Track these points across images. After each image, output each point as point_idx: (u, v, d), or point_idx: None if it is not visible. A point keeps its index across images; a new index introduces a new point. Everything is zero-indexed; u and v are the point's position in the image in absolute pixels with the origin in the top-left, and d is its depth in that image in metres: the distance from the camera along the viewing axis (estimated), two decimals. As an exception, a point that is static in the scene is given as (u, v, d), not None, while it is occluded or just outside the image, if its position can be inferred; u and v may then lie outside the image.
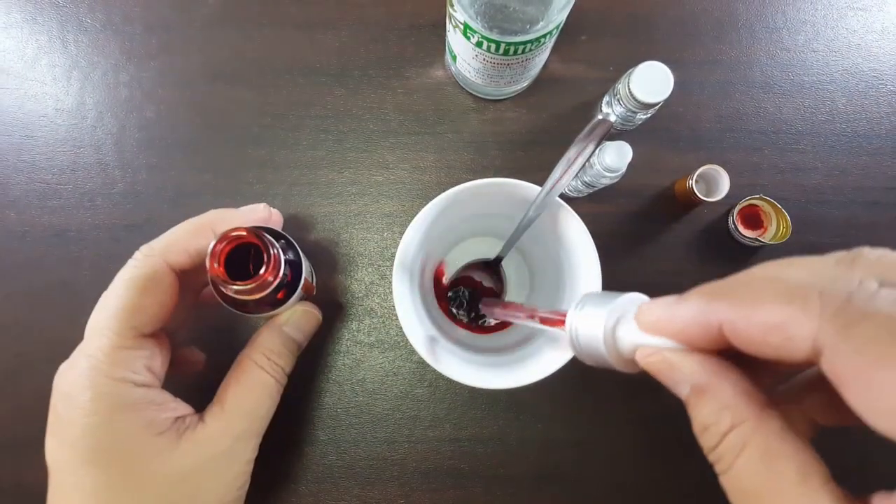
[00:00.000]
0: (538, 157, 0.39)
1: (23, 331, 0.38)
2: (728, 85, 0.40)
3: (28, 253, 0.39)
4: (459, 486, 0.37)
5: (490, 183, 0.27)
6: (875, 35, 0.41)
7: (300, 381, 0.38)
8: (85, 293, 0.39)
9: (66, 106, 0.39)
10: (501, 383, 0.26)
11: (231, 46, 0.40)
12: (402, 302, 0.26)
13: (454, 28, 0.32)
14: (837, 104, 0.40)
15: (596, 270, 0.26)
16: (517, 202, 0.28)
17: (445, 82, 0.40)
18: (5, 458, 0.38)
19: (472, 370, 0.27)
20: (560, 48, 0.39)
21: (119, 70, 0.40)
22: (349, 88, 0.40)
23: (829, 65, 0.40)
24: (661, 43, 0.40)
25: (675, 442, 0.37)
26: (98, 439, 0.25)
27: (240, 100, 0.39)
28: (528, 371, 0.26)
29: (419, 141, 0.39)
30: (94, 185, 0.39)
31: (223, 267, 0.26)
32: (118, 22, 0.40)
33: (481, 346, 0.33)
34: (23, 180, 0.39)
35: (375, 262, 0.39)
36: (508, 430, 0.38)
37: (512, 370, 0.27)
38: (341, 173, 0.39)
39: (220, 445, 0.28)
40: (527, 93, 0.40)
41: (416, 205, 0.39)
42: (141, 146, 0.39)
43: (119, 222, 0.39)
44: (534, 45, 0.30)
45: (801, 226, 0.38)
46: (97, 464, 0.25)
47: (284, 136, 0.39)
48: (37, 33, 0.40)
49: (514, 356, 0.29)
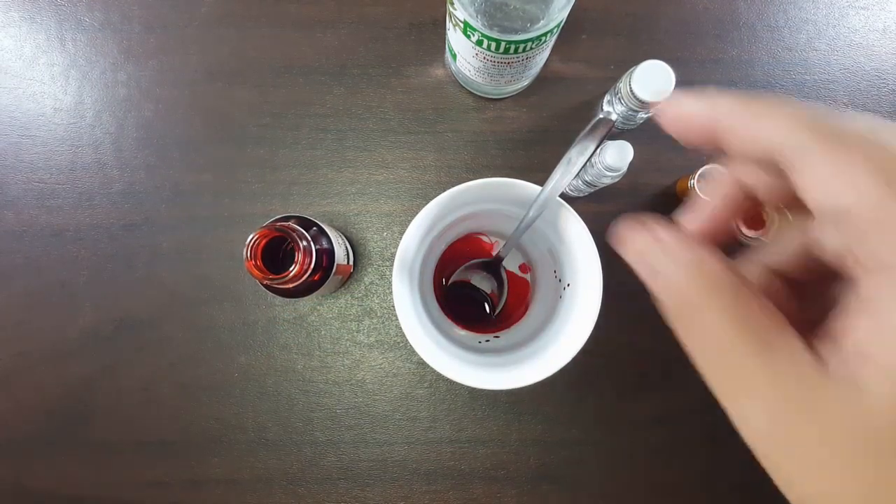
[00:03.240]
0: (538, 156, 0.39)
1: (21, 331, 0.38)
2: (730, 84, 0.40)
3: (26, 253, 0.38)
4: (460, 486, 0.37)
5: (491, 182, 0.26)
6: (877, 34, 0.40)
7: (300, 382, 0.38)
8: (83, 293, 0.39)
9: (64, 105, 0.39)
10: (502, 384, 0.26)
11: (230, 45, 0.40)
12: (402, 302, 0.26)
13: (454, 26, 0.31)
14: (839, 103, 0.40)
15: (597, 270, 0.26)
16: (518, 202, 0.28)
17: (445, 81, 0.40)
18: (5, 458, 0.38)
19: (472, 370, 0.26)
20: (561, 47, 0.39)
21: (117, 69, 0.39)
22: (348, 87, 0.39)
23: (830, 64, 0.40)
24: (662, 42, 0.40)
25: (676, 442, 0.37)
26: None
27: (239, 99, 0.39)
28: (528, 372, 0.26)
29: (419, 140, 0.39)
30: (93, 184, 0.39)
31: (260, 260, 0.28)
32: (116, 21, 0.40)
33: (481, 347, 0.32)
34: (21, 180, 0.39)
35: (375, 262, 0.39)
36: (509, 431, 0.38)
37: (512, 371, 0.27)
38: (340, 172, 0.39)
39: None
40: (527, 92, 0.39)
41: (416, 204, 0.39)
42: (139, 145, 0.39)
43: (117, 222, 0.39)
44: (534, 44, 0.30)
45: (803, 225, 0.38)
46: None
47: (283, 135, 0.39)
48: (35, 32, 0.40)
49: (514, 357, 0.29)
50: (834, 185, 0.13)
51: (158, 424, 0.38)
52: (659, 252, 0.16)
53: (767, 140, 0.14)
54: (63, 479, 0.38)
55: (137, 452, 0.38)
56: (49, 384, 0.38)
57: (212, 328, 0.38)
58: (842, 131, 0.13)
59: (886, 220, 0.12)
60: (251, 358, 0.38)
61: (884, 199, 0.12)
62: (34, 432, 0.38)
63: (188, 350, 0.38)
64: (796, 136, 0.14)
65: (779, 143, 0.14)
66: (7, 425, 0.38)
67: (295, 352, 0.38)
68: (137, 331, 0.38)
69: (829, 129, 0.13)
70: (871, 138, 0.13)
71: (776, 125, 0.14)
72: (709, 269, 0.15)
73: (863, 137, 0.13)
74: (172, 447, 0.38)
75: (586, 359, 0.25)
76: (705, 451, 0.37)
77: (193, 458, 0.38)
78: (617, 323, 0.24)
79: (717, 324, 0.14)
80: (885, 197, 0.12)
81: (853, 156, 0.13)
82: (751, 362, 0.13)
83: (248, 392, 0.38)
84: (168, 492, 0.38)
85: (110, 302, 0.38)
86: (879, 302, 0.12)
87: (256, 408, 0.38)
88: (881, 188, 0.12)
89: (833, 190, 0.13)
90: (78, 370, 0.38)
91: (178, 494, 0.38)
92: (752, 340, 0.14)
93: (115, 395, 0.38)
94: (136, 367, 0.38)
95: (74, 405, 0.38)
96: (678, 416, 0.38)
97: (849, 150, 0.13)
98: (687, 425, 0.37)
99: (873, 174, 0.12)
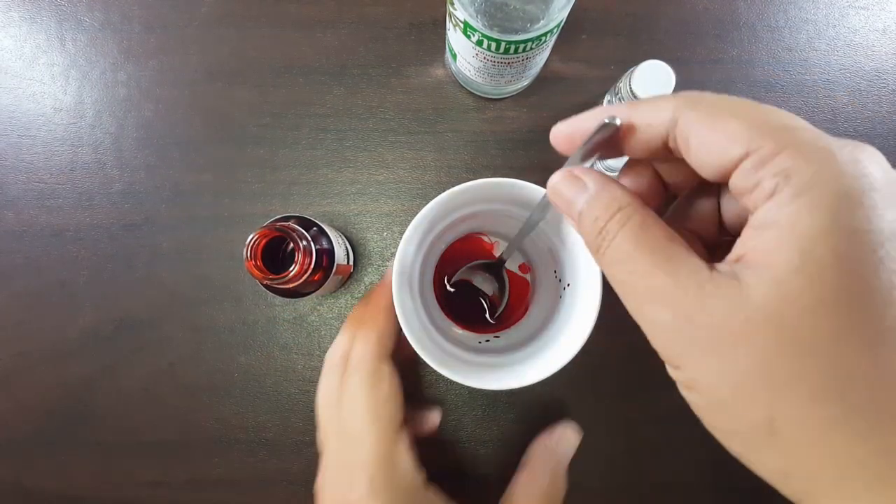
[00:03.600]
0: (538, 157, 0.39)
1: (21, 331, 0.38)
2: (730, 84, 0.40)
3: (26, 253, 0.38)
4: (460, 487, 0.37)
5: (491, 183, 0.26)
6: (877, 34, 0.40)
7: (300, 382, 0.38)
8: (83, 293, 0.39)
9: (64, 105, 0.39)
10: (502, 384, 0.26)
11: (230, 45, 0.40)
12: (403, 303, 0.26)
13: (454, 26, 0.31)
14: (839, 103, 0.40)
15: (597, 270, 0.26)
16: (519, 202, 0.28)
17: (445, 81, 0.40)
18: (5, 458, 0.38)
19: (472, 371, 0.26)
20: (561, 47, 0.39)
21: (117, 69, 0.39)
22: (348, 87, 0.39)
23: (830, 64, 0.40)
24: (662, 42, 0.40)
25: (676, 442, 0.37)
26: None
27: (239, 99, 0.39)
28: (528, 371, 0.26)
29: (419, 140, 0.39)
30: (93, 184, 0.39)
31: (260, 260, 0.28)
32: (116, 21, 0.40)
33: (481, 347, 0.32)
34: (21, 180, 0.39)
35: (375, 262, 0.39)
36: (509, 431, 0.38)
37: (513, 371, 0.27)
38: (340, 172, 0.39)
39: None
40: (527, 92, 0.39)
41: (416, 204, 0.39)
42: (139, 145, 0.39)
43: (117, 222, 0.39)
44: (534, 44, 0.30)
45: (803, 225, 0.38)
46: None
47: (283, 135, 0.39)
48: (35, 32, 0.40)
49: (514, 357, 0.29)
50: (716, 139, 0.16)
51: (158, 424, 0.38)
52: (579, 188, 0.19)
53: (659, 123, 0.17)
54: (63, 479, 0.38)
55: (137, 452, 0.38)
56: (49, 384, 0.38)
57: (212, 328, 0.38)
58: (713, 104, 0.16)
59: (757, 161, 0.15)
60: (251, 358, 0.38)
61: (755, 139, 0.15)
62: (34, 432, 0.38)
63: (188, 350, 0.38)
64: (682, 114, 0.17)
65: (670, 120, 0.17)
66: (7, 425, 0.38)
67: (295, 352, 0.38)
68: (137, 331, 0.38)
69: (705, 104, 0.17)
70: (736, 103, 0.16)
71: (664, 108, 0.17)
72: (619, 202, 0.18)
73: (729, 104, 0.16)
74: (172, 447, 0.38)
75: (586, 359, 0.25)
76: (705, 451, 0.37)
77: (193, 458, 0.38)
78: (617, 323, 0.24)
79: (627, 246, 0.17)
80: (756, 138, 0.15)
81: (725, 117, 0.16)
82: (657, 274, 0.16)
83: (248, 392, 0.38)
84: (168, 492, 0.38)
85: (110, 302, 0.38)
86: (760, 226, 0.15)
87: (256, 408, 0.38)
88: (750, 131, 0.15)
89: (717, 146, 0.16)
90: (78, 370, 0.38)
91: (178, 494, 0.38)
92: (657, 259, 0.16)
93: (115, 395, 0.38)
94: (136, 367, 0.38)
95: (74, 405, 0.38)
96: (678, 415, 0.37)
97: (720, 114, 0.16)
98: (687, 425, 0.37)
99: (744, 126, 0.15)
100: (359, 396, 0.27)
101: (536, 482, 0.32)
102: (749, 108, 0.16)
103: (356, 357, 0.28)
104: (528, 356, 0.28)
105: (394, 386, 0.28)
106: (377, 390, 0.27)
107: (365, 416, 0.27)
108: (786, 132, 0.15)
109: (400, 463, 0.27)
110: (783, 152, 0.14)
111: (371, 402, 0.27)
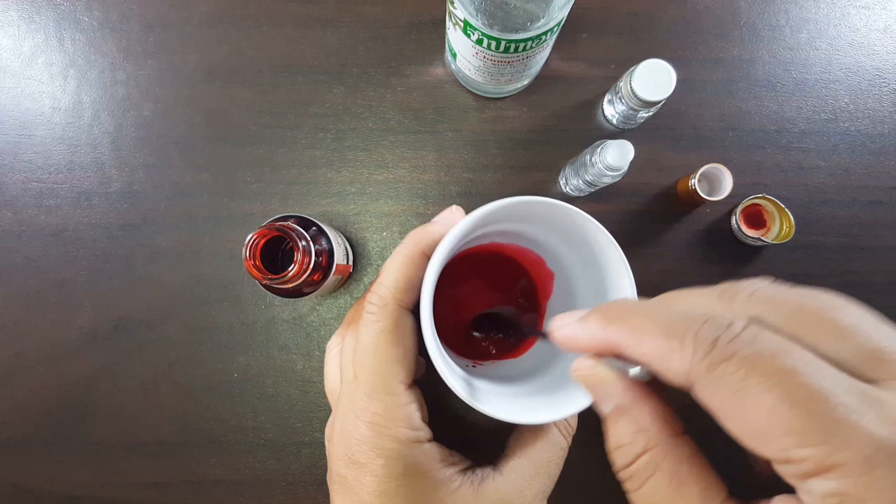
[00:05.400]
0: (539, 156, 0.39)
1: (20, 331, 0.38)
2: (730, 83, 0.40)
3: (25, 252, 0.38)
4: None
5: (528, 202, 0.23)
6: (878, 33, 0.40)
7: (299, 382, 0.38)
8: (81, 293, 0.38)
9: (62, 104, 0.39)
10: (538, 417, 0.24)
11: (229, 44, 0.40)
12: (430, 341, 0.24)
13: (454, 25, 0.31)
14: (840, 103, 0.40)
15: (627, 274, 0.24)
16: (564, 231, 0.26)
17: (445, 80, 0.39)
18: (4, 457, 0.38)
19: (510, 403, 0.25)
20: (561, 46, 0.39)
21: (116, 68, 0.39)
22: (348, 87, 0.39)
23: (831, 63, 0.40)
24: (662, 41, 0.40)
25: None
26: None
27: (238, 98, 0.39)
28: (557, 406, 0.25)
29: (419, 139, 0.39)
30: (91, 184, 0.39)
31: (259, 260, 0.28)
32: (115, 20, 0.40)
33: (468, 370, 0.31)
34: (19, 179, 0.39)
35: (375, 262, 0.39)
36: (509, 431, 0.38)
37: (541, 402, 0.26)
38: (340, 172, 0.39)
39: (524, 498, 0.28)
40: (527, 91, 0.39)
41: (416, 204, 0.39)
42: (138, 145, 0.39)
43: (116, 222, 0.39)
44: (534, 43, 0.30)
45: (804, 225, 0.38)
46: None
47: (283, 134, 0.39)
48: (34, 31, 0.40)
49: (534, 387, 0.28)
50: (745, 430, 0.14)
51: (158, 424, 0.38)
52: (604, 393, 0.17)
53: (656, 359, 0.15)
54: (62, 480, 0.38)
55: (136, 452, 0.38)
56: (47, 384, 0.38)
57: (211, 328, 0.38)
58: (730, 373, 0.14)
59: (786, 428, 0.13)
60: (250, 358, 0.38)
61: (794, 433, 0.12)
62: (32, 432, 0.38)
63: (187, 350, 0.38)
64: (695, 371, 0.14)
65: (679, 372, 0.15)
66: (5, 425, 0.38)
67: (294, 352, 0.38)
68: (136, 331, 0.38)
69: (719, 373, 0.14)
70: None
71: (658, 346, 0.15)
72: (646, 437, 0.17)
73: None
74: (171, 447, 0.38)
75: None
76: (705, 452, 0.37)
77: (192, 458, 0.38)
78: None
79: (657, 500, 0.16)
80: (796, 433, 0.12)
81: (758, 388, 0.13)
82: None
83: (248, 392, 0.38)
84: (167, 492, 0.38)
85: (109, 302, 0.38)
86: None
87: (256, 408, 0.38)
88: (790, 421, 0.13)
89: (748, 438, 0.14)
90: (77, 370, 0.38)
91: (177, 495, 0.38)
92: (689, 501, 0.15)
93: (114, 395, 0.38)
94: (134, 368, 0.38)
95: (73, 405, 0.38)
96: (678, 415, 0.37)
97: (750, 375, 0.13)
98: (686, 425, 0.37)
99: (782, 409, 0.13)
100: (365, 343, 0.26)
101: None
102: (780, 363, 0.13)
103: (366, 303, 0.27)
104: (548, 387, 0.27)
105: (401, 336, 0.26)
106: (384, 338, 0.26)
107: (365, 360, 0.26)
108: (836, 426, 0.12)
109: (400, 419, 0.26)
110: (834, 470, 0.12)
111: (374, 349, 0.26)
